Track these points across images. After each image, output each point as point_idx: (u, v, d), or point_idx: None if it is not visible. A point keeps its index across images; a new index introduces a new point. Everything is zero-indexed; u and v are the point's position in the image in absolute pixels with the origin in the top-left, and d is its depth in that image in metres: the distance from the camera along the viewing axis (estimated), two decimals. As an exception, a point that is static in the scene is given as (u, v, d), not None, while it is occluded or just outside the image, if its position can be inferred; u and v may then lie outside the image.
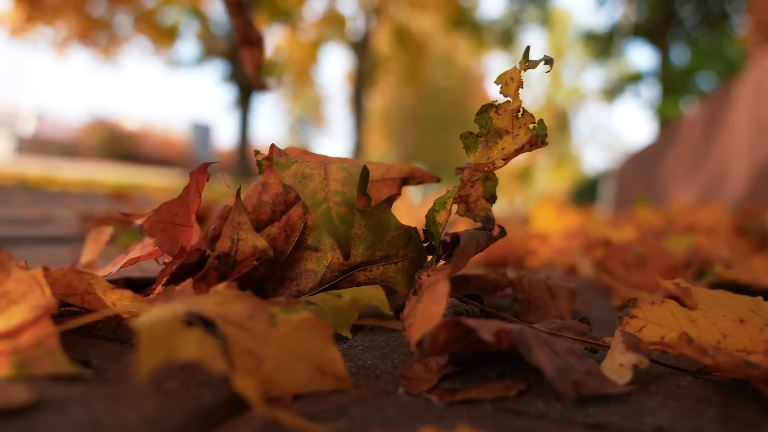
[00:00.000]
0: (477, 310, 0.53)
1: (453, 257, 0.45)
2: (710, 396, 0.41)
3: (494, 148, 0.49)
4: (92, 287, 0.46)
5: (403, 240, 0.52)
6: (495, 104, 0.48)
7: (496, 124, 0.48)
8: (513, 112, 0.48)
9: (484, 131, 0.49)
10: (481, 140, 0.49)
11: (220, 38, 12.39)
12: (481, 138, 0.49)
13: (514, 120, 0.48)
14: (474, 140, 0.50)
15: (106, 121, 23.02)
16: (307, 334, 0.37)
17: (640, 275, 0.97)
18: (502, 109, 0.48)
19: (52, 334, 0.36)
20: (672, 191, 5.03)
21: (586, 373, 0.39)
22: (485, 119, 0.49)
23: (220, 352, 0.31)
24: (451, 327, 0.39)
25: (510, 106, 0.48)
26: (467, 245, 0.46)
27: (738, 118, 3.68)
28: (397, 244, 0.51)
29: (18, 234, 1.36)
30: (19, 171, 8.26)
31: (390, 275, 0.51)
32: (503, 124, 0.48)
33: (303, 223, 0.52)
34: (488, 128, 0.49)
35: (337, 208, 0.42)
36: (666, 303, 0.47)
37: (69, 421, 0.30)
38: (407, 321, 0.44)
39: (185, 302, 0.36)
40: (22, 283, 0.39)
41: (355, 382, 0.41)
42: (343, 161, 0.56)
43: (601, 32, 14.51)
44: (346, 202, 0.42)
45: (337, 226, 0.42)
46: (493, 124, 0.49)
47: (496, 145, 0.49)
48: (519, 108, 0.47)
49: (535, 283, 0.65)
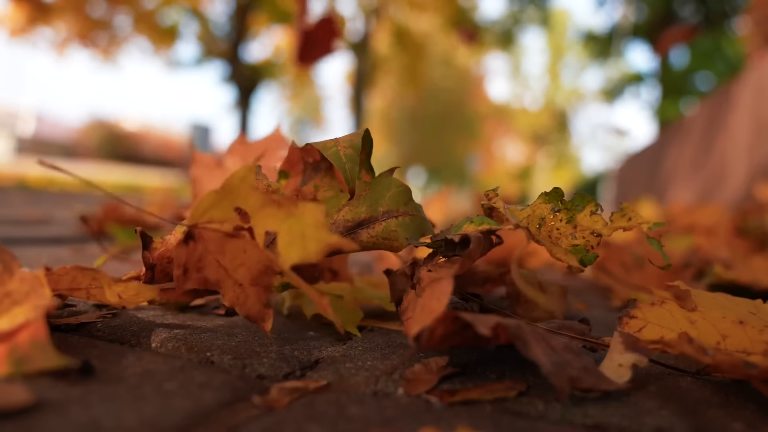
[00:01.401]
0: (477, 307, 0.53)
1: (462, 258, 0.45)
2: (710, 397, 0.41)
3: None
4: (97, 281, 0.46)
5: (404, 196, 0.55)
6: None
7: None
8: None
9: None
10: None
11: (219, 39, 12.38)
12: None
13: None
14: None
15: (106, 121, 23.02)
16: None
17: (639, 276, 0.97)
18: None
19: (42, 329, 0.36)
20: (672, 192, 5.03)
21: (582, 370, 0.39)
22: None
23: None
24: (449, 321, 0.39)
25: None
26: (475, 248, 0.46)
27: (738, 119, 3.68)
28: (398, 200, 0.55)
29: (18, 235, 1.36)
30: (18, 172, 8.25)
31: (391, 229, 0.53)
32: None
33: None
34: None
35: (344, 150, 0.52)
36: (665, 304, 0.47)
37: (69, 422, 0.30)
38: (405, 314, 0.44)
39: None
40: (25, 283, 0.39)
41: (354, 382, 0.41)
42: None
43: (601, 33, 14.52)
44: (352, 146, 0.52)
45: (344, 163, 0.51)
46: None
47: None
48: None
49: (527, 277, 0.64)
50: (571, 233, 0.49)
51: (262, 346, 0.48)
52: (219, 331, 0.52)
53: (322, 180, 0.56)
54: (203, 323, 0.55)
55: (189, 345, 0.47)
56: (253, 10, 11.73)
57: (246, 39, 12.02)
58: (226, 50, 12.23)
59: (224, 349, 0.46)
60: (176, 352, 0.46)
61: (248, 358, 0.45)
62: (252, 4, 11.46)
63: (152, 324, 0.53)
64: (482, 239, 0.49)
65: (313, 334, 0.54)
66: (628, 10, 13.06)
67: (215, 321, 0.57)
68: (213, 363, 0.44)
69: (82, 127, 23.28)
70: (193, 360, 0.44)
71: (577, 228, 0.50)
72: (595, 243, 0.49)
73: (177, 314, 0.59)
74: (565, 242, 0.50)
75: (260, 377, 0.42)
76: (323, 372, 0.44)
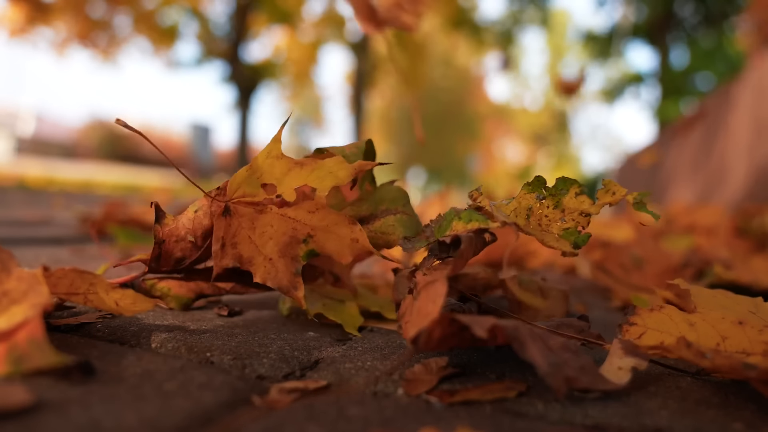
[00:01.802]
0: (475, 308, 0.53)
1: (453, 259, 0.45)
2: (709, 397, 0.41)
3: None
4: (94, 287, 0.46)
5: (402, 199, 0.60)
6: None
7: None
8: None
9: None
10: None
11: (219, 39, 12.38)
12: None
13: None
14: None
15: (106, 121, 23.01)
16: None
17: (639, 276, 0.97)
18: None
19: (39, 327, 0.36)
20: (671, 192, 5.04)
21: (579, 369, 0.39)
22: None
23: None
24: (446, 323, 0.39)
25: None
26: (467, 248, 0.47)
27: (738, 119, 3.69)
28: (397, 201, 0.59)
29: (17, 235, 1.36)
30: (18, 172, 8.26)
31: (389, 224, 0.57)
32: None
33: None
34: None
35: (349, 150, 0.56)
36: (665, 308, 0.47)
37: (68, 422, 0.30)
38: (403, 318, 0.44)
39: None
40: (23, 282, 0.39)
41: (354, 383, 0.41)
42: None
43: (601, 33, 14.51)
44: (358, 149, 0.56)
45: (348, 155, 0.55)
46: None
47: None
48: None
49: (527, 283, 0.64)
50: (560, 217, 0.50)
51: (261, 347, 0.48)
52: (219, 332, 0.52)
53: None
54: (203, 323, 0.55)
55: (189, 345, 0.47)
56: (253, 10, 11.73)
57: (246, 39, 12.02)
58: (226, 50, 12.23)
59: (224, 349, 0.46)
60: (176, 352, 0.46)
61: (248, 358, 0.45)
62: (252, 4, 11.46)
63: (152, 324, 0.53)
64: (474, 238, 0.49)
65: (313, 335, 0.54)
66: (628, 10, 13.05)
67: (215, 321, 0.57)
68: (213, 363, 0.44)
69: (82, 127, 23.28)
70: (193, 360, 0.44)
71: (565, 211, 0.50)
72: (585, 223, 0.49)
73: (177, 314, 0.59)
74: (556, 227, 0.50)
75: (260, 377, 0.42)
76: (323, 372, 0.44)
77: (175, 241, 0.54)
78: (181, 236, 0.54)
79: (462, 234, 0.48)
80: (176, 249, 0.55)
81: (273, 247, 0.51)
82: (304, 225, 0.51)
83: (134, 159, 21.78)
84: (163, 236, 0.54)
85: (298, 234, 0.51)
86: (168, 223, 0.54)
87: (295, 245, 0.51)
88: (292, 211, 0.51)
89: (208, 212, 0.54)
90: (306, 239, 0.52)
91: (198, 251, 0.55)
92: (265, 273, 0.51)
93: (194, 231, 0.54)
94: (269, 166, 0.51)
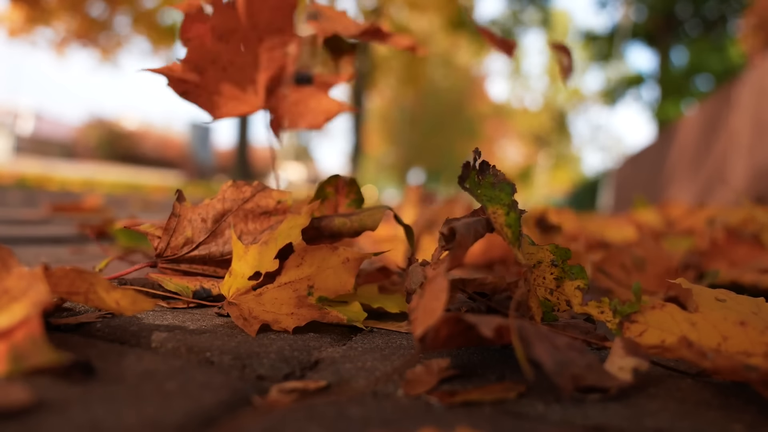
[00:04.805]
0: (483, 307, 0.53)
1: (451, 250, 0.45)
2: (710, 399, 0.41)
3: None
4: (94, 286, 0.46)
5: (379, 208, 0.68)
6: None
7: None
8: None
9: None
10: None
11: (219, 38, 12.35)
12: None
13: None
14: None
15: (105, 120, 23.00)
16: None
17: (639, 278, 0.97)
18: None
19: (37, 325, 0.36)
20: (672, 192, 5.04)
21: (585, 368, 0.39)
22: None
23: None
24: (452, 323, 0.39)
25: None
26: (464, 236, 0.46)
27: (738, 120, 3.69)
28: (373, 208, 0.68)
29: (17, 234, 1.36)
30: (17, 171, 8.25)
31: (364, 218, 0.66)
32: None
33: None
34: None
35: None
36: (666, 307, 0.47)
37: (69, 421, 0.30)
38: (413, 315, 0.44)
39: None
40: (22, 279, 0.39)
41: (354, 383, 0.41)
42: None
43: (602, 34, 14.52)
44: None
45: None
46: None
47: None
48: None
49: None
50: (551, 290, 0.54)
51: (261, 347, 0.48)
52: (219, 331, 0.52)
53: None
54: (203, 323, 0.55)
55: (189, 345, 0.47)
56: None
57: (246, 38, 11.98)
58: (225, 50, 12.18)
59: (224, 349, 0.46)
60: (176, 352, 0.46)
61: (248, 358, 0.45)
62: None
63: (152, 324, 0.53)
64: (471, 224, 0.49)
65: (313, 335, 0.54)
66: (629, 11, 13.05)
67: (215, 321, 0.57)
68: (213, 363, 0.44)
69: (82, 126, 23.28)
70: (192, 360, 0.44)
71: (558, 290, 0.54)
72: (563, 309, 0.54)
73: (177, 314, 0.59)
74: (541, 292, 0.54)
75: (260, 378, 0.42)
76: (323, 372, 0.44)
77: (188, 221, 0.65)
78: (193, 218, 0.65)
79: (457, 223, 0.47)
80: (187, 227, 0.65)
81: (289, 308, 0.56)
82: (299, 280, 0.58)
83: (133, 158, 21.78)
84: (180, 211, 0.65)
85: (300, 291, 0.57)
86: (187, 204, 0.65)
87: (304, 299, 0.57)
88: (282, 278, 0.58)
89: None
90: (310, 291, 0.57)
91: (207, 233, 0.65)
92: (296, 321, 0.55)
93: (206, 216, 0.66)
94: (240, 269, 0.59)
